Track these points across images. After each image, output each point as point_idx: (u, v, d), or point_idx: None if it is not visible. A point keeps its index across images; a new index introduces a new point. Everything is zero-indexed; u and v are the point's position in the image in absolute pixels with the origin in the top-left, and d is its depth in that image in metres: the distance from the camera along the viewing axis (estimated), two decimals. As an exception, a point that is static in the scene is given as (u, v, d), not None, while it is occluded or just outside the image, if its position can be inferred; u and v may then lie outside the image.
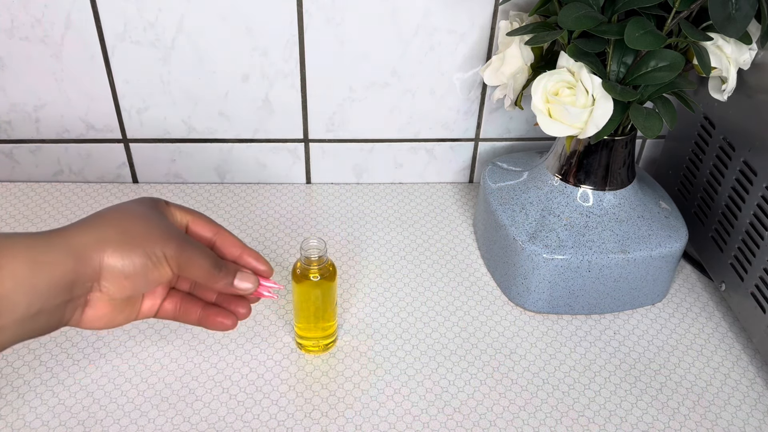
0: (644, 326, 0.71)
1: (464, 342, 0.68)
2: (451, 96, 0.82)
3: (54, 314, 0.42)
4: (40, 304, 0.40)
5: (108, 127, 0.83)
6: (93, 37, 0.75)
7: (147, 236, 0.44)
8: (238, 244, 0.50)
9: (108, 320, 0.45)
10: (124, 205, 0.46)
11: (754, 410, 0.63)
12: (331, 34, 0.76)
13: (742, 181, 0.67)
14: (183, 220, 0.49)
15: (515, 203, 0.71)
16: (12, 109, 0.81)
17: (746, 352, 0.68)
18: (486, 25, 0.77)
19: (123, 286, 0.44)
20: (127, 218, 0.44)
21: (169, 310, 0.50)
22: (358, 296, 0.73)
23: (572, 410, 0.62)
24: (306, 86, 0.80)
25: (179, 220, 0.48)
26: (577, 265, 0.67)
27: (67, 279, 0.41)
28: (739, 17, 0.55)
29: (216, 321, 0.49)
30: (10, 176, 0.87)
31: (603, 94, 0.59)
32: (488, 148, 0.88)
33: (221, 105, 0.81)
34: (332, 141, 0.85)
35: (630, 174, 0.69)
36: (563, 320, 0.71)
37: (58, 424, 0.59)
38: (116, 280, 0.43)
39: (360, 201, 0.87)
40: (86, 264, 0.42)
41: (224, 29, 0.76)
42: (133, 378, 0.63)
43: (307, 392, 0.63)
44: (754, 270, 0.66)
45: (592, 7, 0.59)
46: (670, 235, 0.69)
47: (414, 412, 0.61)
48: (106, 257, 0.42)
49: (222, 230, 0.50)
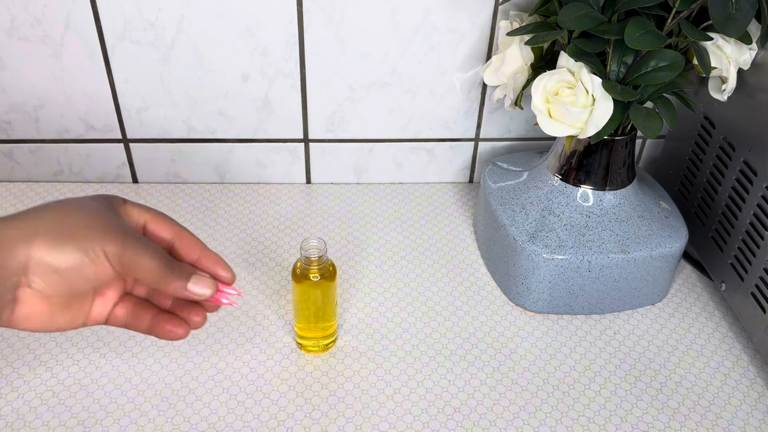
0: (644, 326, 0.71)
1: (464, 342, 0.68)
2: (451, 96, 0.82)
3: None
4: None
5: (108, 127, 0.83)
6: (93, 37, 0.75)
7: (85, 230, 0.40)
8: (198, 245, 0.45)
9: (45, 321, 0.41)
10: (73, 199, 0.43)
11: (755, 410, 0.63)
12: (331, 34, 0.76)
13: (742, 181, 0.67)
14: (140, 219, 0.45)
15: (515, 203, 0.71)
16: (12, 109, 0.81)
17: (746, 352, 0.68)
18: (486, 25, 0.77)
19: (54, 281, 0.40)
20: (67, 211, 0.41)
21: (120, 316, 0.45)
22: (358, 296, 0.73)
23: (572, 410, 0.62)
24: (306, 86, 0.80)
25: (136, 219, 0.44)
26: (577, 265, 0.67)
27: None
28: (739, 17, 0.55)
29: (165, 329, 0.45)
30: (10, 176, 0.87)
31: (603, 94, 0.59)
32: (488, 148, 0.88)
33: (221, 105, 0.81)
34: (332, 141, 0.85)
35: (630, 174, 0.69)
36: (563, 320, 0.71)
37: (58, 424, 0.59)
38: (46, 274, 0.39)
39: (360, 201, 0.87)
40: (10, 257, 0.38)
41: (224, 29, 0.76)
42: (133, 378, 0.63)
43: (307, 392, 0.63)
44: (754, 270, 0.66)
45: (592, 7, 0.59)
46: (670, 235, 0.69)
47: (414, 412, 0.61)
48: (33, 249, 0.39)
49: (183, 231, 0.46)
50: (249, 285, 0.73)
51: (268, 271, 0.75)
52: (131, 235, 0.42)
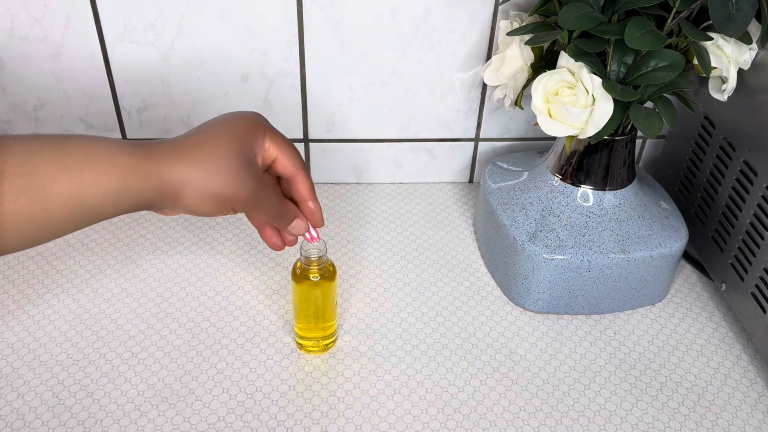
0: (644, 326, 0.71)
1: (464, 342, 0.68)
2: (451, 96, 0.82)
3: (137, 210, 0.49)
4: (123, 211, 0.48)
5: (108, 127, 0.83)
6: (93, 37, 0.75)
7: (224, 187, 0.50)
8: (309, 190, 0.55)
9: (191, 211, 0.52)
10: (221, 134, 0.51)
11: (755, 410, 0.63)
12: (331, 34, 0.76)
13: (743, 181, 0.67)
14: (272, 154, 0.53)
15: (515, 203, 0.71)
16: (12, 109, 0.81)
17: (746, 353, 0.68)
18: (486, 25, 0.77)
19: (192, 214, 0.51)
20: (214, 158, 0.50)
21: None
22: (358, 296, 0.73)
23: (572, 410, 0.62)
24: (306, 86, 0.80)
25: (269, 154, 0.53)
26: (577, 265, 0.67)
27: (148, 202, 0.48)
28: (739, 17, 0.55)
29: (269, 233, 0.58)
30: (10, 176, 0.86)
31: (603, 94, 0.59)
32: (488, 148, 0.88)
33: (221, 105, 0.81)
34: (332, 141, 0.85)
35: (630, 174, 0.69)
36: (563, 320, 0.71)
37: (58, 425, 0.59)
38: (187, 212, 0.51)
39: (360, 201, 0.87)
40: (166, 197, 0.48)
41: (224, 29, 0.76)
42: (133, 378, 0.63)
43: (307, 392, 0.63)
44: (754, 270, 0.66)
45: (592, 7, 0.59)
46: (670, 235, 0.69)
47: (414, 412, 0.61)
48: (184, 197, 0.49)
49: (301, 172, 0.55)
50: (249, 285, 0.73)
51: (268, 271, 0.75)
52: (256, 191, 0.51)
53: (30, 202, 0.43)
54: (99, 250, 0.77)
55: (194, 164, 0.49)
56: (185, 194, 0.49)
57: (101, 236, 0.79)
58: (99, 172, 0.45)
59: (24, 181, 0.43)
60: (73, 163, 0.45)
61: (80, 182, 0.44)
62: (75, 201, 0.45)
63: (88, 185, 0.45)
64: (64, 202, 0.44)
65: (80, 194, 0.45)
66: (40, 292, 0.71)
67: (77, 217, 0.46)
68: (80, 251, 0.77)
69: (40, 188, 0.43)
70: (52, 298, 0.71)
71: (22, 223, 0.43)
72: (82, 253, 0.76)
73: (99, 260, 0.76)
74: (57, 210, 0.44)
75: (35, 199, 0.43)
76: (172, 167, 0.48)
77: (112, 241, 0.78)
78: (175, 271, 0.75)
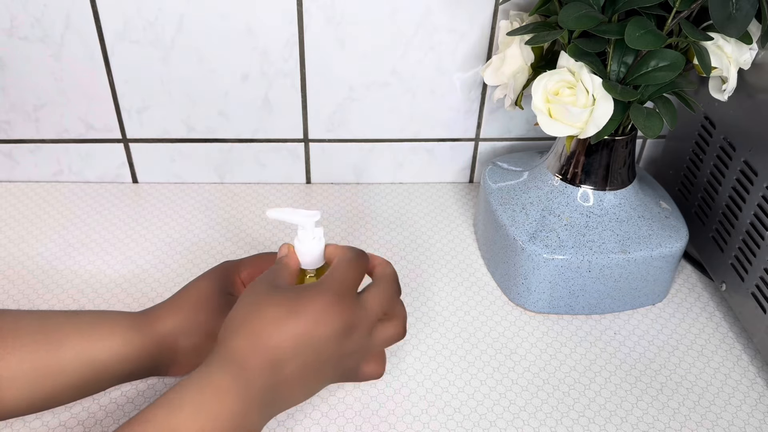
0: (645, 326, 0.71)
1: (464, 342, 0.68)
2: (451, 96, 0.82)
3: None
4: (128, 371, 0.56)
5: (108, 127, 0.83)
6: (93, 37, 0.75)
7: (212, 322, 0.57)
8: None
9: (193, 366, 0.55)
10: (200, 281, 0.60)
11: (755, 411, 0.63)
12: (331, 34, 0.76)
13: (743, 181, 0.67)
14: (243, 280, 0.61)
15: (515, 203, 0.71)
16: (11, 109, 0.81)
17: (747, 353, 0.68)
18: (486, 25, 0.77)
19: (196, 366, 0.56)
20: (199, 311, 0.58)
21: None
22: (358, 296, 0.73)
23: (573, 410, 0.62)
24: (306, 86, 0.80)
25: (239, 285, 0.61)
26: (577, 265, 0.67)
27: (151, 358, 0.56)
28: (740, 17, 0.55)
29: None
30: (9, 176, 0.87)
31: (603, 94, 0.59)
32: (488, 148, 0.88)
33: (221, 105, 0.81)
34: (332, 141, 0.85)
35: (630, 174, 0.69)
36: (563, 320, 0.71)
37: (58, 425, 0.59)
38: (190, 361, 0.58)
39: (360, 201, 0.87)
40: (164, 352, 0.57)
41: (224, 29, 0.76)
42: (132, 378, 0.63)
43: (307, 392, 0.62)
44: (754, 270, 0.66)
45: (592, 7, 0.59)
46: (670, 235, 0.69)
47: (414, 412, 0.61)
48: (179, 348, 0.57)
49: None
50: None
51: (268, 271, 0.75)
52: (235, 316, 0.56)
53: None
54: (99, 250, 0.77)
55: (182, 311, 0.58)
56: (180, 344, 0.57)
57: (101, 236, 0.79)
58: (106, 332, 0.55)
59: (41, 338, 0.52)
60: (84, 324, 0.55)
61: (90, 337, 0.54)
62: (86, 356, 0.53)
63: (97, 338, 0.54)
64: (75, 356, 0.53)
65: (90, 349, 0.54)
66: (40, 292, 0.71)
67: (86, 375, 0.54)
68: (80, 251, 0.77)
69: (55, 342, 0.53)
70: (52, 298, 0.71)
71: (34, 375, 0.52)
72: (82, 253, 0.76)
73: (99, 260, 0.76)
74: (69, 363, 0.53)
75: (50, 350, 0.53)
76: (165, 320, 0.57)
77: (112, 241, 0.78)
78: (175, 271, 0.75)
